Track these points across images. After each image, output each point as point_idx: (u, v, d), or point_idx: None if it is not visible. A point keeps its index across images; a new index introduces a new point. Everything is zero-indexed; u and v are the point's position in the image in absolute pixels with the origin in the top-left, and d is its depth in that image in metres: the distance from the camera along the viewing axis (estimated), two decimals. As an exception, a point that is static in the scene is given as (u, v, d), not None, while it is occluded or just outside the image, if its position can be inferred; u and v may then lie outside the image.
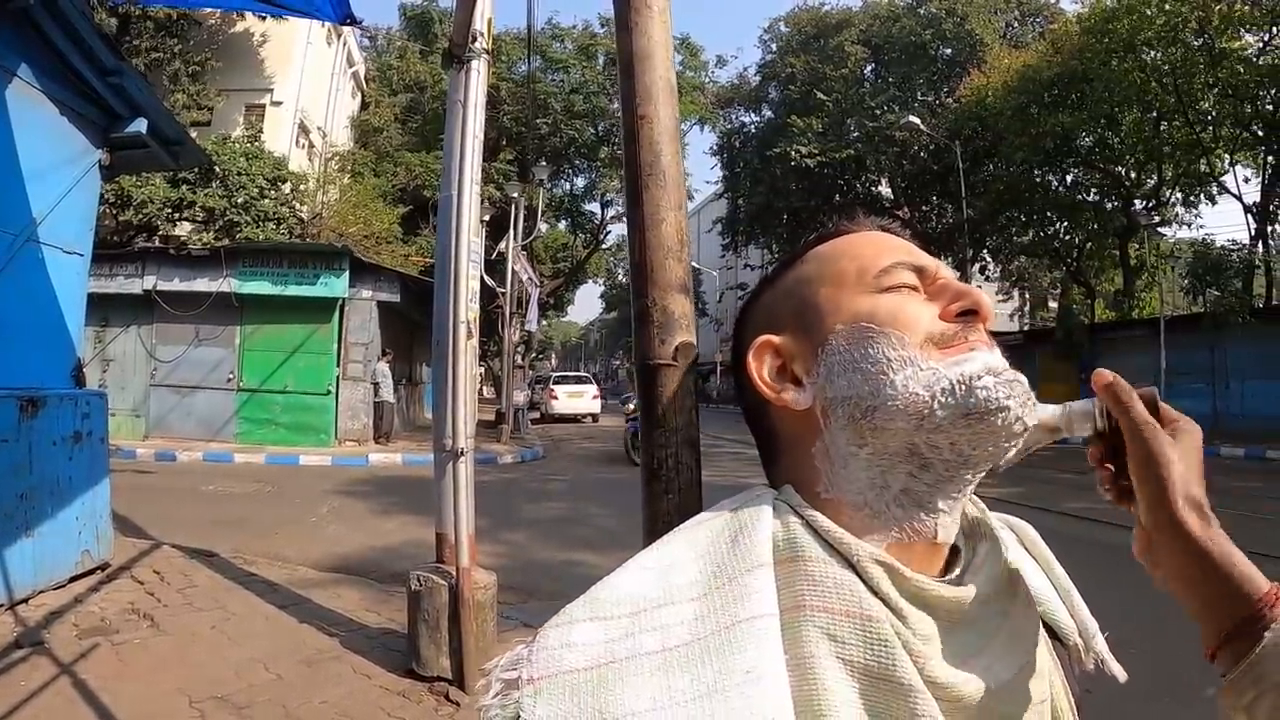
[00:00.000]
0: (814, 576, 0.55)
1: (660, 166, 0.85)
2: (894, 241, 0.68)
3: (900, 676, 0.52)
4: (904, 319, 0.61)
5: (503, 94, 26.02)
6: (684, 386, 0.81)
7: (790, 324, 0.67)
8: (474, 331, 4.14)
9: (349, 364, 15.54)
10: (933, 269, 0.66)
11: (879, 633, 0.53)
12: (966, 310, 0.62)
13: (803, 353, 0.65)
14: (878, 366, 0.60)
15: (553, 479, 12.98)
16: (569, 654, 0.51)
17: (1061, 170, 25.21)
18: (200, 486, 10.52)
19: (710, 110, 33.01)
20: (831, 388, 0.62)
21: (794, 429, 0.65)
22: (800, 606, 0.54)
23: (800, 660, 0.52)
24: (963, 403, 0.57)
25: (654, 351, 0.81)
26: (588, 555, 6.97)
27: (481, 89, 4.03)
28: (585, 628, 0.52)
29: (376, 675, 4.00)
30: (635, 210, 0.85)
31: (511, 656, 0.53)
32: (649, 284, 0.82)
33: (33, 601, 4.66)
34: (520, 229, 19.08)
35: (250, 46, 25.03)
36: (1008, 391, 0.58)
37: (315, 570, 6.07)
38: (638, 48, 0.87)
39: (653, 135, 0.86)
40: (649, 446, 0.82)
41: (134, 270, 14.92)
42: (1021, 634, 0.62)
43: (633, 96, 0.87)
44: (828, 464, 0.62)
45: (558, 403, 27.83)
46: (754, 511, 0.60)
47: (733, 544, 0.57)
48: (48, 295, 5.10)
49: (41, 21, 4.68)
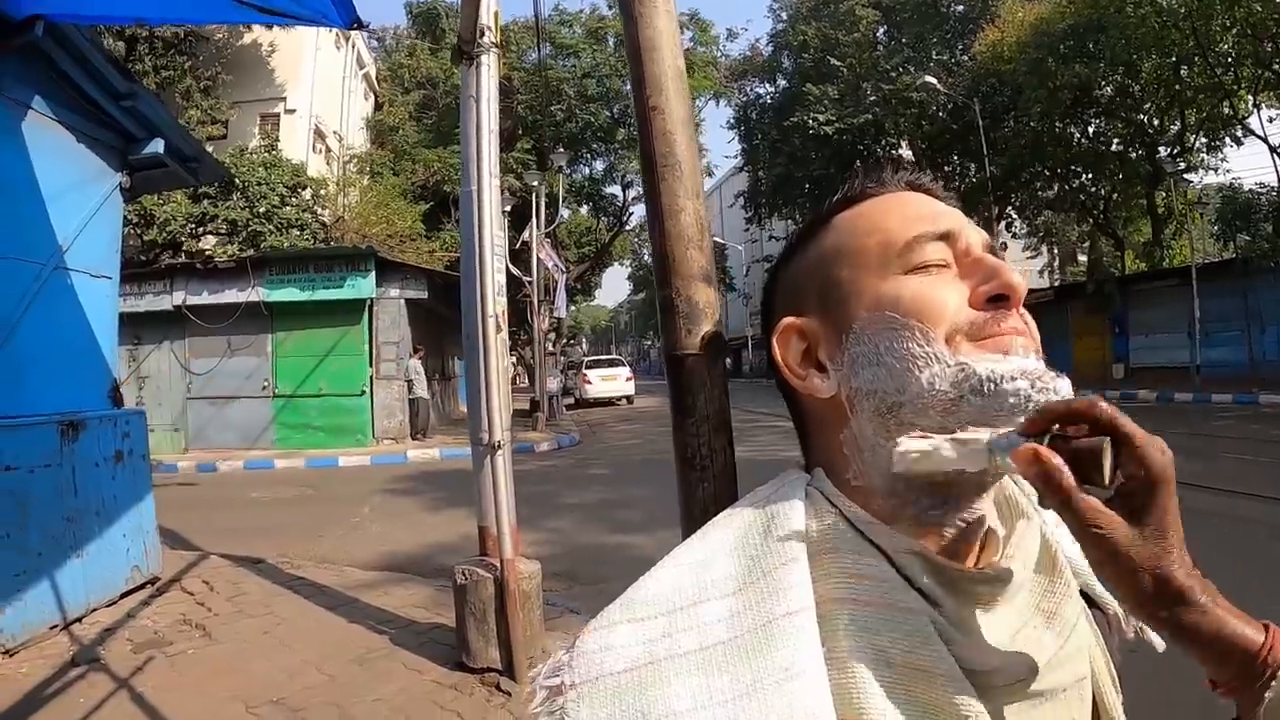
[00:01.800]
0: (849, 569, 0.55)
1: (675, 157, 0.85)
2: (920, 207, 0.64)
3: (937, 668, 0.51)
4: (930, 310, 0.58)
5: (515, 83, 25.99)
6: (713, 375, 0.81)
7: (814, 304, 0.65)
8: (503, 325, 4.16)
9: (381, 363, 15.66)
10: (962, 236, 0.62)
11: (914, 625, 0.52)
12: (997, 295, 0.58)
13: (827, 337, 0.63)
14: (903, 363, 0.57)
15: (591, 463, 13.03)
16: (609, 657, 0.52)
17: (1083, 121, 24.76)
18: (243, 495, 10.69)
19: (724, 85, 32.78)
20: (856, 379, 0.60)
21: (822, 413, 0.64)
22: (836, 599, 0.54)
23: (838, 654, 0.52)
24: (991, 402, 0.54)
25: (681, 342, 0.81)
26: (632, 538, 6.98)
27: (493, 83, 4.02)
28: (623, 630, 0.53)
29: (428, 670, 4.05)
30: (653, 202, 0.85)
31: (553, 663, 0.54)
32: (672, 275, 0.82)
33: (86, 620, 4.76)
34: (543, 217, 19.06)
35: (259, 57, 25.24)
36: (1041, 397, 0.54)
37: (362, 570, 6.15)
38: (644, 39, 0.87)
39: (665, 126, 0.85)
40: (681, 436, 0.82)
41: (163, 287, 15.15)
42: (1060, 612, 0.61)
43: (643, 88, 0.86)
44: (856, 451, 0.61)
45: (591, 387, 27.95)
46: (787, 502, 0.60)
47: (766, 536, 0.57)
48: (80, 320, 5.18)
49: (51, 52, 4.71)
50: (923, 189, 0.68)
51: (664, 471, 6.88)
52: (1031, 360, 0.56)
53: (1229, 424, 11.98)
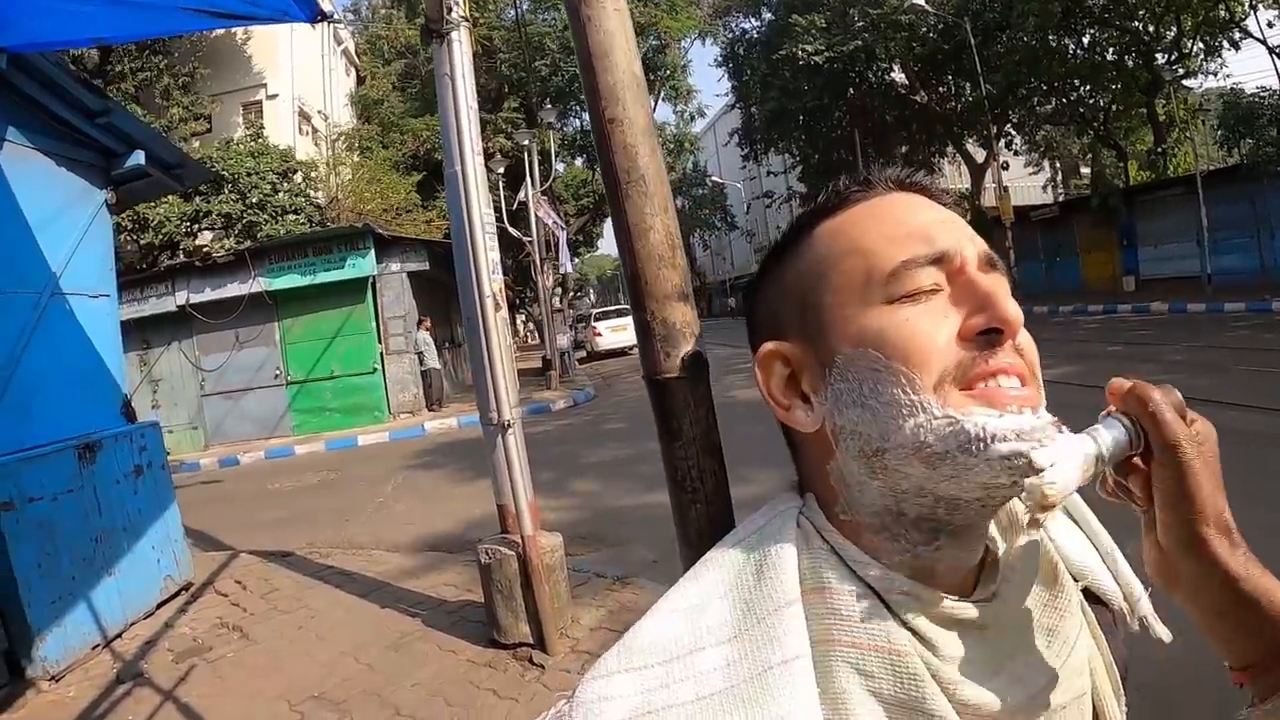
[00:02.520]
0: (841, 611, 0.54)
1: (639, 170, 0.80)
2: (910, 219, 0.59)
3: (930, 708, 0.52)
4: (916, 353, 0.54)
5: (496, 43, 25.63)
6: (696, 397, 0.79)
7: (795, 328, 0.62)
8: (501, 303, 4.13)
9: (390, 339, 15.70)
10: (956, 255, 0.57)
11: (908, 666, 0.52)
12: (990, 328, 0.54)
13: (810, 366, 0.60)
14: (887, 409, 0.54)
15: (609, 418, 13.05)
16: (607, 707, 0.51)
17: (1076, 33, 24.21)
18: (267, 485, 10.79)
19: (708, 23, 32.22)
20: (840, 416, 0.57)
21: (809, 443, 0.62)
22: (829, 640, 0.54)
23: (831, 694, 0.52)
24: (980, 459, 0.51)
25: (661, 365, 0.78)
26: (653, 496, 6.94)
27: (467, 58, 3.95)
28: (621, 680, 0.52)
29: (461, 649, 4.12)
30: (620, 221, 0.80)
31: (554, 714, 0.53)
32: (645, 297, 0.79)
33: (126, 635, 4.84)
34: (537, 174, 18.85)
35: (235, 46, 24.98)
36: (1031, 460, 0.51)
37: (389, 552, 6.24)
38: (594, 44, 0.81)
39: (625, 139, 0.80)
40: (670, 459, 0.80)
41: (165, 289, 15.15)
42: (1060, 627, 0.61)
43: (597, 99, 0.81)
44: (843, 486, 0.59)
45: (602, 339, 27.86)
46: (779, 542, 0.58)
47: (758, 578, 0.56)
48: (83, 342, 5.20)
49: (18, 81, 4.67)
50: (915, 189, 0.63)
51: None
52: (1027, 417, 0.52)
53: (1243, 334, 11.83)
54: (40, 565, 4.27)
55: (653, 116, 0.86)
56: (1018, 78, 24.65)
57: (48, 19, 3.86)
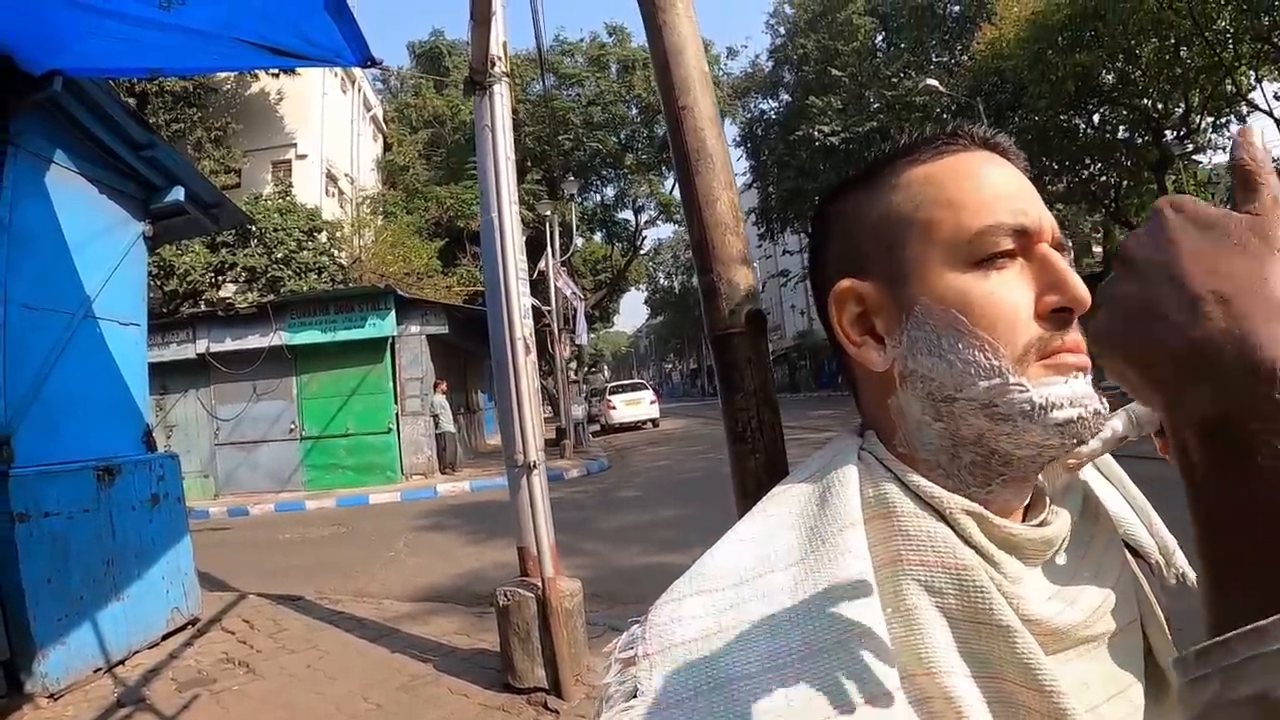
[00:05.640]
0: (908, 531, 0.57)
1: (707, 150, 0.90)
2: (1000, 182, 0.61)
3: (999, 619, 0.53)
4: (1002, 324, 0.57)
5: (521, 115, 26.29)
6: (756, 351, 0.86)
7: (875, 268, 0.63)
8: (531, 347, 4.22)
9: (406, 400, 15.76)
10: (1037, 229, 0.59)
11: (975, 580, 0.54)
12: (1063, 307, 0.57)
13: (886, 309, 0.63)
14: (965, 366, 0.57)
15: (622, 487, 13.01)
16: (679, 627, 0.54)
17: (1087, 112, 24.66)
18: (276, 536, 10.76)
19: (728, 103, 32.99)
20: (913, 360, 0.61)
21: (872, 378, 0.65)
22: (896, 560, 0.56)
23: (900, 612, 0.54)
24: (1038, 424, 0.56)
25: (724, 321, 0.86)
26: (668, 557, 6.97)
27: (506, 111, 4.12)
28: (692, 602, 0.55)
29: (474, 694, 4.08)
30: (689, 194, 0.90)
31: (627, 637, 0.56)
32: (712, 259, 0.87)
33: (129, 662, 4.82)
34: (557, 246, 19.17)
35: (268, 105, 25.67)
36: (1082, 427, 0.56)
37: (401, 602, 6.20)
38: (670, 44, 0.93)
39: (696, 123, 0.91)
40: (730, 411, 0.86)
41: (185, 336, 15.32)
42: (1105, 560, 0.63)
43: (671, 90, 0.92)
44: (903, 421, 0.63)
45: (616, 412, 27.93)
46: (841, 471, 0.61)
47: (822, 506, 0.59)
48: (110, 367, 5.30)
49: (70, 106, 4.84)
50: (999, 149, 0.65)
51: (694, 491, 6.85)
52: (1080, 384, 0.57)
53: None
54: (50, 580, 4.29)
55: (717, 107, 0.96)
56: (1029, 156, 24.70)
57: (103, 43, 4.02)
